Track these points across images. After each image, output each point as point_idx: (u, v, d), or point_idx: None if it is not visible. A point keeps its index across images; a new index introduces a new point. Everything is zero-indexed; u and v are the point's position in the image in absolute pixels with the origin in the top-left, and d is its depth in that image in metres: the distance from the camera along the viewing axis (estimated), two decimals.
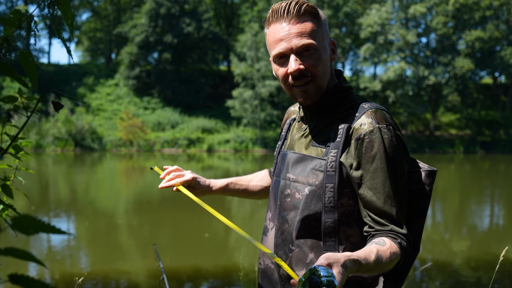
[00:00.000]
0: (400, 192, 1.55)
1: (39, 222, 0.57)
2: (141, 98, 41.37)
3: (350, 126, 1.57)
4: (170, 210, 11.82)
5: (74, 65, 48.32)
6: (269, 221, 1.75)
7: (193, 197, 1.80)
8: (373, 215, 1.53)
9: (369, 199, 1.53)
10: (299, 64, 1.58)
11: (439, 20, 39.35)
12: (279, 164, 1.76)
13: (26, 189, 14.72)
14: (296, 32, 1.57)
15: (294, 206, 1.62)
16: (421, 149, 38.01)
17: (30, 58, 0.88)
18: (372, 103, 1.62)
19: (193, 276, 6.74)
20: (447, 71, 39.74)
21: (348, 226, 1.58)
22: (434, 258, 8.06)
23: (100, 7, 52.66)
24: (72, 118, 33.99)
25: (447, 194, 16.56)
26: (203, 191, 1.98)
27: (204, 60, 44.01)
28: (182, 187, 1.88)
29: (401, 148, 1.57)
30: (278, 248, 1.67)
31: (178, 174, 1.93)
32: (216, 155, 31.60)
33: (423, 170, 1.65)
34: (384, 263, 1.43)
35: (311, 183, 1.58)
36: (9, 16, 0.84)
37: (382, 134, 1.53)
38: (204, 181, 1.99)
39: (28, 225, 0.56)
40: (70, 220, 10.85)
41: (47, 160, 26.79)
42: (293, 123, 1.84)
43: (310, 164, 1.61)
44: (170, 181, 1.91)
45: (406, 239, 1.52)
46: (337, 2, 39.78)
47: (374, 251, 1.42)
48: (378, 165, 1.52)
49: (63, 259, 7.59)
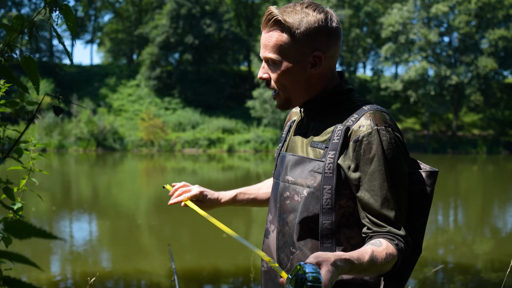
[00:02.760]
0: (399, 194, 1.54)
1: (30, 227, 0.58)
2: (162, 99, 41.64)
3: (348, 127, 1.56)
4: (190, 210, 11.83)
5: (96, 66, 48.89)
6: (270, 224, 1.76)
7: (200, 211, 1.86)
8: (371, 217, 1.53)
9: (366, 201, 1.53)
10: (263, 73, 1.66)
11: (461, 19, 38.89)
12: (279, 166, 1.76)
13: (49, 189, 14.92)
14: (264, 43, 1.62)
15: (294, 209, 1.62)
16: (443, 150, 37.61)
17: (32, 63, 0.89)
18: (372, 105, 1.61)
19: (206, 276, 6.76)
20: (469, 71, 39.26)
21: (349, 228, 1.58)
22: (456, 259, 7.97)
23: (122, 9, 53.12)
24: (94, 119, 34.37)
25: (469, 195, 16.36)
26: (212, 204, 2.03)
27: (225, 60, 44.12)
28: (190, 202, 1.94)
29: (400, 149, 1.56)
30: (280, 251, 1.67)
31: (185, 190, 2.01)
32: (237, 155, 31.66)
33: (424, 171, 1.64)
34: (380, 264, 1.43)
35: (310, 185, 1.58)
36: (12, 21, 0.85)
37: (380, 136, 1.52)
38: (212, 194, 2.04)
39: (20, 230, 0.57)
40: (92, 220, 10.96)
41: (69, 160, 27.12)
42: (293, 125, 1.84)
43: (309, 166, 1.60)
44: (178, 197, 2.00)
45: (404, 240, 1.51)
46: (358, 1, 39.56)
47: (369, 251, 1.42)
48: (376, 167, 1.51)
49: (83, 258, 7.68)
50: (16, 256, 0.59)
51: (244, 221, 10.66)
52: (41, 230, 0.59)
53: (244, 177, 19.95)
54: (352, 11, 39.42)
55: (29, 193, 2.03)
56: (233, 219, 10.68)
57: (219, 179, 18.99)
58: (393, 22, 38.31)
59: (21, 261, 0.61)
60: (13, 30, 0.85)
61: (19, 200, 1.75)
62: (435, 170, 1.65)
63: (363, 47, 43.70)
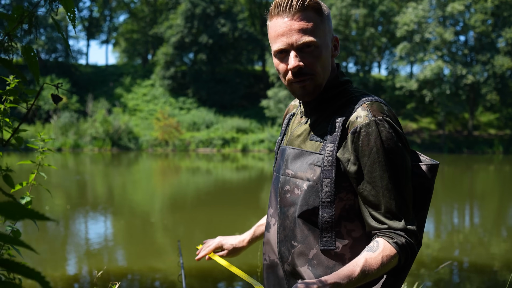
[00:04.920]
0: (401, 184, 1.52)
1: (24, 208, 0.58)
2: (177, 98, 41.81)
3: (346, 119, 1.55)
4: (204, 210, 11.90)
5: (111, 66, 49.21)
6: (271, 217, 1.76)
7: (221, 261, 1.98)
8: (372, 211, 1.52)
9: (367, 194, 1.52)
10: (298, 61, 1.55)
11: (477, 17, 38.53)
12: (279, 160, 1.76)
13: (64, 188, 15.06)
14: (298, 28, 1.54)
15: (294, 202, 1.62)
16: (459, 150, 37.30)
17: (31, 53, 0.89)
18: (370, 96, 1.60)
19: (218, 274, 6.77)
20: (486, 70, 38.87)
21: (349, 221, 1.57)
22: (472, 260, 7.91)
23: (137, 9, 53.42)
24: (109, 118, 34.60)
25: (486, 195, 16.20)
26: (235, 249, 2.12)
27: (239, 60, 44.18)
28: (213, 255, 2.08)
29: (399, 140, 1.54)
30: (281, 244, 1.67)
31: (207, 245, 2.12)
32: (251, 155, 31.68)
33: (425, 163, 1.61)
34: (376, 270, 1.45)
35: (309, 178, 1.57)
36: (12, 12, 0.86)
37: (378, 126, 1.51)
38: (234, 239, 2.12)
39: (14, 211, 0.58)
40: (107, 219, 11.03)
41: (84, 160, 27.32)
42: (292, 118, 1.83)
43: (308, 159, 1.60)
44: (201, 252, 2.13)
45: (407, 233, 1.50)
46: (372, 0, 39.38)
47: (361, 263, 1.44)
48: (375, 158, 1.50)
49: (97, 256, 7.73)
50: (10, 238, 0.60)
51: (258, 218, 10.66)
52: (34, 211, 0.59)
53: (258, 176, 19.96)
54: (367, 10, 39.24)
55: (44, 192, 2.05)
56: (245, 223, 10.70)
57: (233, 179, 19.01)
58: (408, 21, 38.06)
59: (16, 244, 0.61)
60: (13, 20, 0.86)
61: (28, 194, 1.77)
62: (435, 163, 1.62)
63: (378, 47, 43.47)
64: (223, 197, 14.19)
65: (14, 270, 0.60)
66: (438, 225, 10.53)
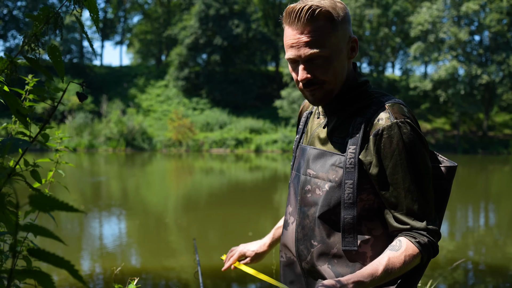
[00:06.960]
0: (423, 185, 1.53)
1: (54, 200, 0.61)
2: (190, 99, 41.93)
3: (367, 121, 1.56)
4: (217, 210, 11.94)
5: (125, 67, 49.49)
6: (289, 216, 1.77)
7: (248, 270, 1.98)
8: (394, 212, 1.54)
9: (389, 195, 1.54)
10: (306, 73, 1.57)
11: (492, 17, 38.22)
12: (299, 159, 1.77)
13: (79, 189, 15.18)
14: (305, 41, 1.54)
15: (315, 202, 1.63)
16: (474, 150, 37.01)
17: (57, 52, 0.93)
18: (390, 97, 1.61)
19: (233, 274, 6.80)
20: (501, 70, 38.53)
21: (370, 220, 1.59)
22: (487, 261, 7.86)
23: (151, 10, 53.69)
24: (123, 119, 34.82)
25: (501, 196, 16.07)
26: (258, 254, 2.13)
27: (253, 61, 44.23)
28: (239, 264, 2.10)
29: (420, 142, 1.55)
30: (299, 243, 1.69)
31: (231, 255, 2.14)
32: (264, 156, 31.69)
33: (444, 165, 1.63)
34: (399, 269, 1.47)
35: (331, 179, 1.59)
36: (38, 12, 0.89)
37: (400, 129, 1.52)
38: (256, 244, 2.14)
39: (44, 203, 0.60)
40: (122, 218, 11.11)
41: (99, 160, 27.52)
42: (310, 116, 1.84)
43: (330, 160, 1.61)
44: (226, 263, 2.14)
45: (429, 233, 1.53)
46: (386, 0, 39.22)
47: (384, 262, 1.46)
48: (398, 160, 1.52)
49: (112, 255, 7.80)
50: (40, 229, 0.62)
51: (271, 218, 10.68)
52: (64, 203, 0.62)
53: (271, 177, 19.97)
54: (381, 10, 39.09)
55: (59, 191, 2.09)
56: (259, 222, 10.72)
57: (247, 179, 19.04)
58: (422, 21, 37.85)
59: (47, 235, 0.63)
60: (40, 20, 0.89)
61: (46, 191, 1.81)
62: (454, 165, 1.64)
63: (392, 47, 43.26)
64: (237, 197, 14.23)
65: (45, 259, 0.63)
66: (453, 226, 10.47)
